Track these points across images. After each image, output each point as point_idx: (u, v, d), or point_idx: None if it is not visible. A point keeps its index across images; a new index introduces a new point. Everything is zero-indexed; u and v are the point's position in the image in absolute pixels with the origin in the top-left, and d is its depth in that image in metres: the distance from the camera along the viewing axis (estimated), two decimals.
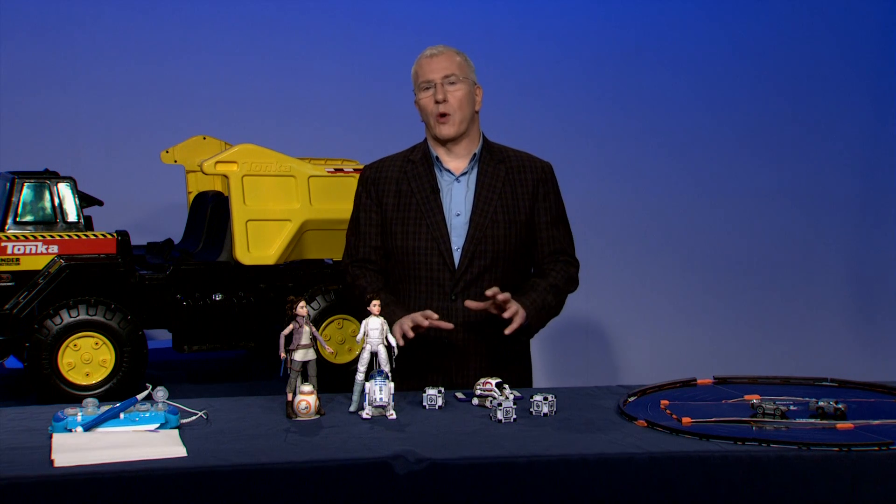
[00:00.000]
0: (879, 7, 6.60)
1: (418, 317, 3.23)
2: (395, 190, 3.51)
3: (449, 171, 3.53)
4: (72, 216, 4.42)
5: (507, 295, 3.29)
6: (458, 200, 3.50)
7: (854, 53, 6.56)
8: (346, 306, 4.64)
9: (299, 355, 2.83)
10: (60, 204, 4.40)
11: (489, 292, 3.27)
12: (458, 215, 3.48)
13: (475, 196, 3.49)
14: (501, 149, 3.60)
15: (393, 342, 2.89)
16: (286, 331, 2.83)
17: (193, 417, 2.79)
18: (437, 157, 3.54)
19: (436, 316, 3.24)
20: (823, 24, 6.52)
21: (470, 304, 3.35)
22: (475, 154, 3.54)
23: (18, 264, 4.32)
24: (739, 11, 6.44)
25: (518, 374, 3.50)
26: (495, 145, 3.60)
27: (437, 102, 3.47)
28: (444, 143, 3.52)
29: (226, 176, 4.58)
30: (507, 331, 3.30)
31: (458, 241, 3.46)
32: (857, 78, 6.57)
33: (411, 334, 3.22)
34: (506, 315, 3.29)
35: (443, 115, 3.47)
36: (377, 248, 3.53)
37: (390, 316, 3.29)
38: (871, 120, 6.60)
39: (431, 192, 3.49)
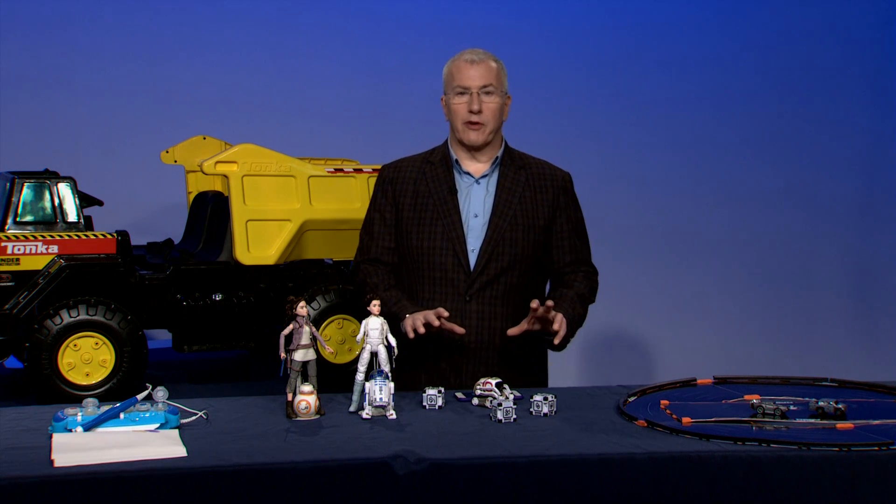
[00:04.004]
0: (879, 7, 6.60)
1: (431, 315, 3.22)
2: (412, 190, 3.50)
3: (468, 173, 3.51)
4: (72, 216, 4.42)
5: (550, 303, 3.26)
6: (476, 202, 3.49)
7: (854, 53, 6.56)
8: (346, 306, 4.64)
9: (299, 355, 2.83)
10: (60, 204, 4.40)
11: (533, 304, 3.23)
12: (476, 216, 3.47)
13: (495, 198, 3.47)
14: (522, 156, 3.59)
15: (393, 342, 2.89)
16: (286, 331, 2.83)
17: (193, 417, 2.79)
18: (457, 160, 3.52)
19: (447, 314, 3.23)
20: (823, 24, 6.52)
21: (512, 331, 3.31)
22: (497, 158, 3.52)
23: (18, 264, 4.32)
24: (740, 11, 6.44)
25: (534, 377, 3.50)
26: (516, 152, 3.59)
27: (470, 111, 3.44)
28: (469, 148, 3.51)
29: (226, 176, 4.58)
30: (557, 340, 3.28)
31: (474, 242, 3.45)
32: (857, 78, 6.57)
33: (422, 330, 3.22)
34: (555, 327, 3.27)
35: (474, 123, 3.46)
36: (390, 248, 3.52)
37: (401, 310, 3.30)
38: (871, 120, 6.61)
39: (449, 193, 3.47)
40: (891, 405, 3.01)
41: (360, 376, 2.88)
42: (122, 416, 2.70)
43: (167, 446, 2.54)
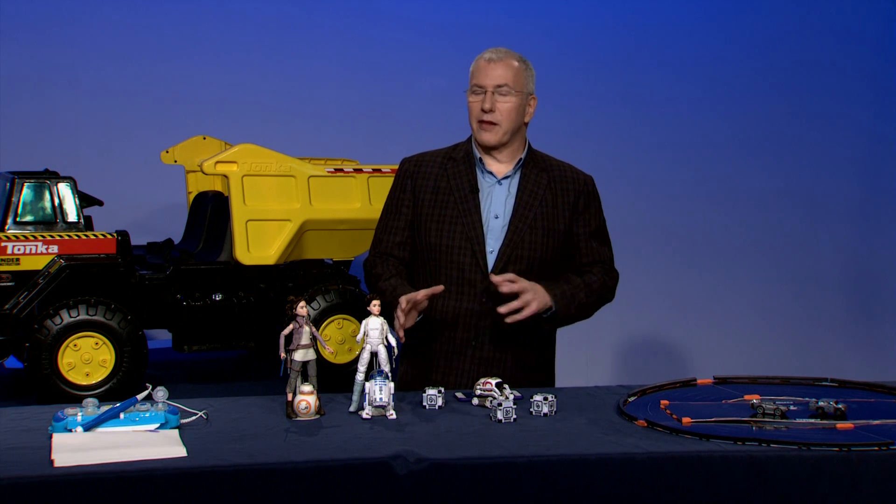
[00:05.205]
0: (879, 7, 6.60)
1: (412, 295, 3.18)
2: (432, 186, 3.46)
3: (491, 173, 3.47)
4: (72, 216, 4.42)
5: (509, 275, 3.25)
6: (497, 203, 3.45)
7: (854, 53, 6.56)
8: (346, 306, 4.65)
9: (299, 355, 2.83)
10: (60, 204, 4.40)
11: (493, 278, 3.23)
12: (497, 217, 3.43)
13: (516, 200, 3.44)
14: (545, 157, 3.55)
15: (393, 342, 2.89)
16: (286, 331, 2.83)
17: (193, 417, 2.79)
18: (480, 159, 3.48)
19: (435, 290, 3.20)
20: (823, 23, 6.53)
21: (501, 308, 3.27)
22: (520, 159, 3.48)
23: (18, 264, 4.32)
24: (740, 11, 6.44)
25: (542, 383, 3.47)
26: (539, 154, 3.55)
27: (483, 110, 3.41)
28: (485, 147, 3.47)
29: (226, 176, 4.58)
30: (509, 319, 3.25)
31: (493, 243, 3.42)
32: (857, 78, 6.57)
33: (409, 323, 3.18)
34: (514, 304, 3.24)
35: (487, 122, 3.41)
36: (402, 243, 3.49)
37: (394, 291, 3.27)
38: (871, 120, 6.61)
39: (470, 192, 3.43)
40: (891, 405, 3.01)
41: (360, 376, 2.88)
42: (122, 416, 2.70)
43: (167, 446, 2.54)
